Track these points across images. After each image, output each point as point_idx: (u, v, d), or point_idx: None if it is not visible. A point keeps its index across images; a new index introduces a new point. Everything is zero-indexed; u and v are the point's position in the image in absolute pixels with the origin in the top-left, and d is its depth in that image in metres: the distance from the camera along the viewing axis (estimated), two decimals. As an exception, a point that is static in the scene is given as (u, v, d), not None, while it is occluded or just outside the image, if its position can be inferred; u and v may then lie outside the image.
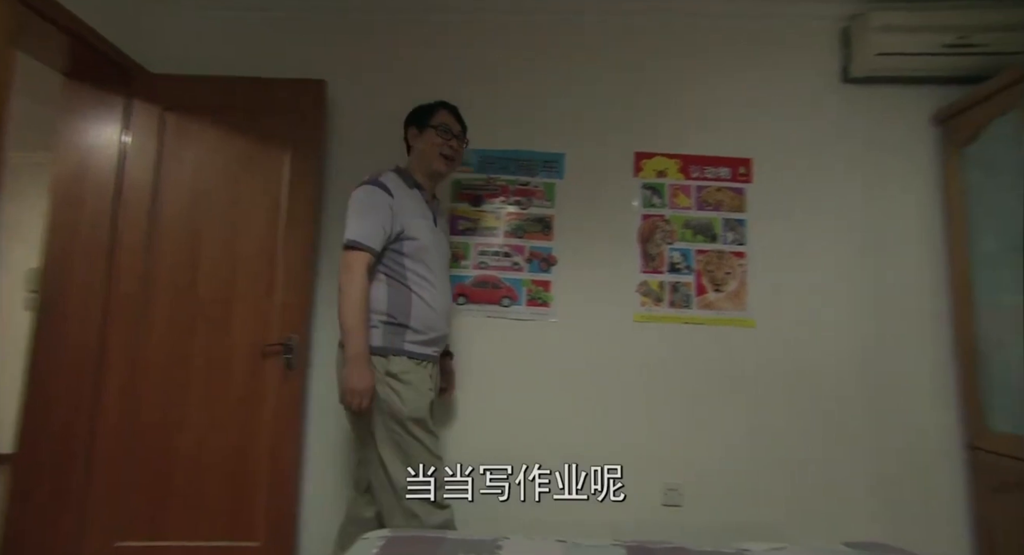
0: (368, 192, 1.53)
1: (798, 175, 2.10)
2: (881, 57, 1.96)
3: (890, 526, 1.96)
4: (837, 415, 2.01)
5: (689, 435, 2.00)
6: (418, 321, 1.54)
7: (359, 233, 1.48)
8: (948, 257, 2.05)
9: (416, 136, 1.68)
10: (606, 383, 2.02)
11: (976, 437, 1.94)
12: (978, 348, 1.93)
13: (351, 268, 1.46)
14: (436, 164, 1.66)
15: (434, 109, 1.68)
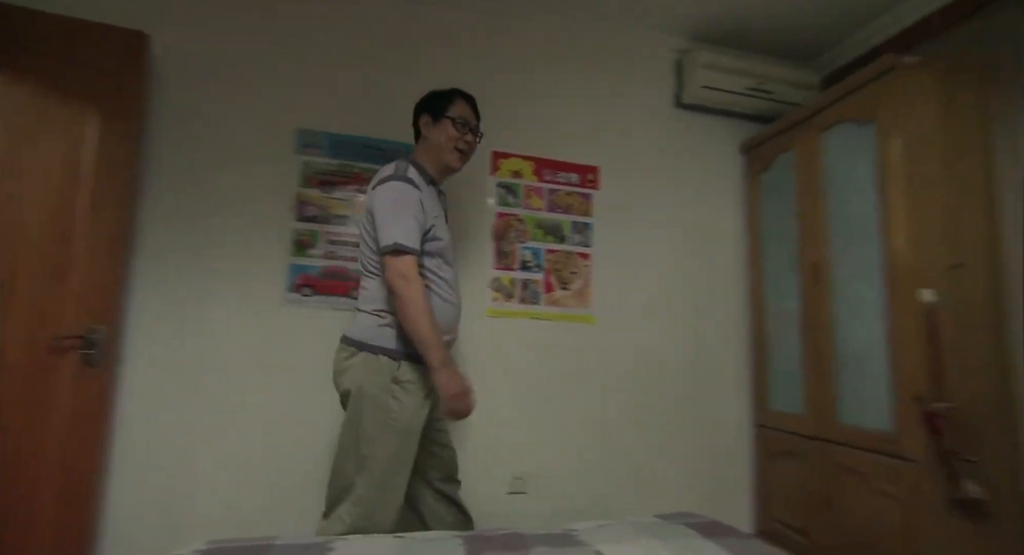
0: (402, 190, 1.41)
1: (637, 186, 2.34)
2: (705, 89, 2.27)
3: (704, 496, 2.25)
4: (664, 403, 2.27)
5: (536, 425, 2.11)
6: (437, 322, 1.41)
7: (404, 236, 1.37)
8: (748, 267, 2.44)
9: (429, 125, 1.55)
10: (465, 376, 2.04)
11: (761, 416, 2.33)
12: (766, 344, 2.32)
13: (407, 276, 1.36)
14: (449, 158, 1.55)
15: (451, 98, 1.56)
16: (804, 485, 2.05)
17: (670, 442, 2.26)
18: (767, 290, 2.32)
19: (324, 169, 1.98)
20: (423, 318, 1.34)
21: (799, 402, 2.11)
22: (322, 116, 2.00)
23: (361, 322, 1.46)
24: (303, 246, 1.91)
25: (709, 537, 1.29)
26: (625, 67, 2.37)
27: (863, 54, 2.23)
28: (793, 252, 2.15)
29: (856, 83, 1.87)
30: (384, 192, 1.41)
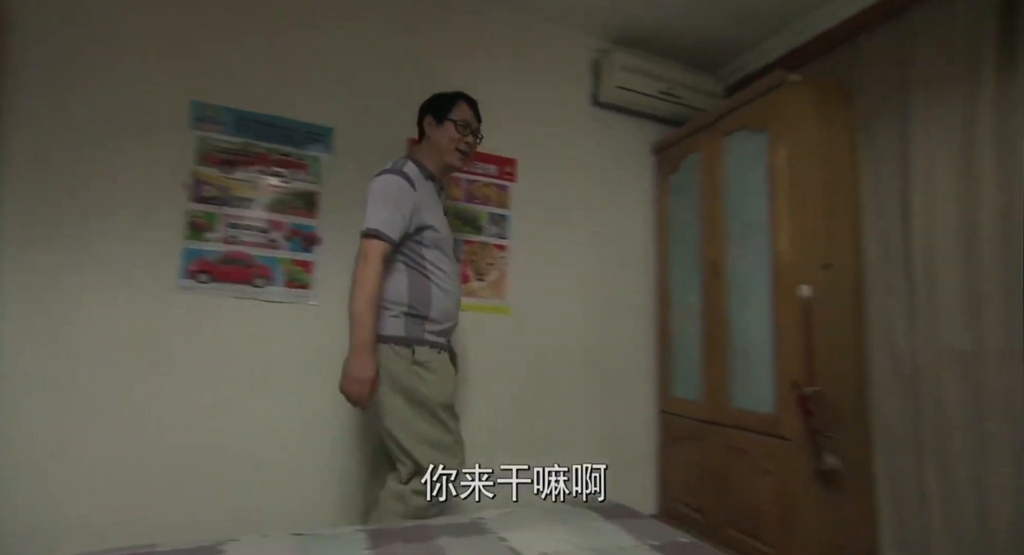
0: (393, 182, 1.50)
1: (554, 180, 2.38)
2: (620, 90, 2.35)
3: (612, 480, 2.34)
4: (575, 392, 2.34)
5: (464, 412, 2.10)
6: (437, 311, 1.55)
7: (380, 222, 1.45)
8: (656, 263, 2.57)
9: (433, 126, 1.65)
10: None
11: (665, 403, 2.48)
12: (671, 336, 2.47)
13: (368, 257, 1.43)
14: (451, 159, 1.64)
15: (454, 101, 1.65)
16: (701, 467, 2.21)
17: (580, 430, 2.34)
18: (673, 285, 2.47)
19: (225, 147, 1.83)
20: (362, 297, 1.41)
21: (698, 389, 2.27)
22: (222, 89, 1.85)
23: (385, 319, 1.52)
24: (199, 229, 1.76)
25: (610, 519, 1.36)
26: (545, 63, 2.40)
27: (760, 68, 2.42)
28: (696, 249, 2.30)
29: (751, 95, 2.03)
30: (376, 184, 1.50)
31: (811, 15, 2.21)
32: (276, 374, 1.85)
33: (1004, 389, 1.61)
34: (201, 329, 1.76)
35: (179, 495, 1.70)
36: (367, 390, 1.40)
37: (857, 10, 2.03)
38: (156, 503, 1.68)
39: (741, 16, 2.26)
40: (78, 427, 1.62)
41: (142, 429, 1.68)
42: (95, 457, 1.63)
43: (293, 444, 1.86)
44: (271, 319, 1.86)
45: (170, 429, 1.71)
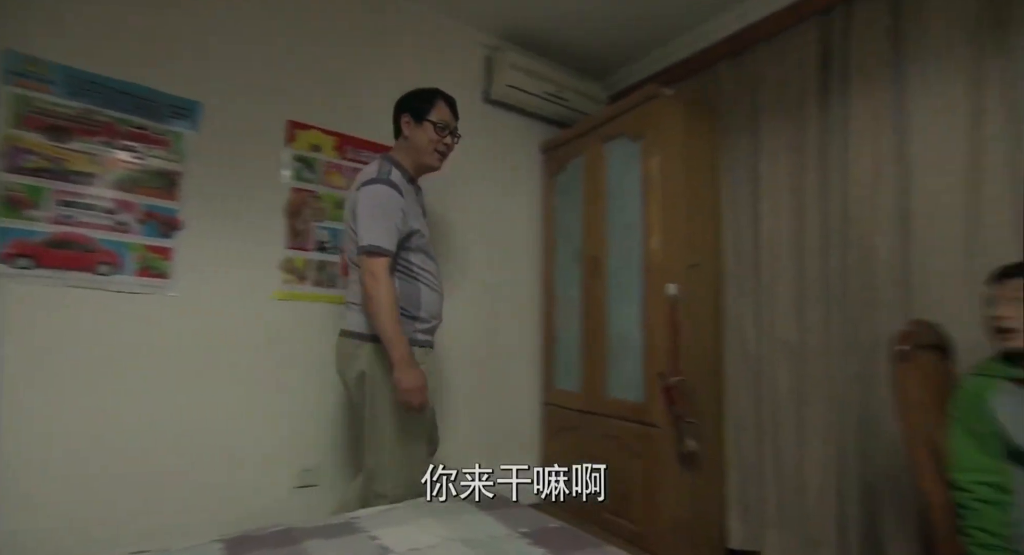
0: (384, 193, 1.50)
1: (443, 174, 2.32)
2: (511, 88, 2.39)
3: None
4: (462, 385, 2.34)
5: (330, 412, 2.00)
6: (427, 311, 1.60)
7: (380, 237, 1.47)
8: (542, 259, 2.65)
9: (411, 125, 1.62)
10: (236, 364, 1.84)
11: (548, 395, 2.57)
12: (555, 329, 2.56)
13: (377, 275, 1.45)
14: (430, 160, 1.65)
15: (432, 101, 1.63)
16: (580, 455, 2.32)
17: (466, 422, 2.35)
18: (557, 280, 2.56)
19: (55, 111, 1.57)
20: (388, 316, 1.44)
21: (578, 381, 2.38)
22: (52, 43, 1.58)
23: (357, 316, 1.57)
24: (17, 205, 1.50)
25: (486, 510, 1.38)
26: (437, 56, 2.37)
27: (641, 80, 2.59)
28: (579, 246, 2.41)
29: (629, 104, 2.17)
30: (368, 194, 1.50)
31: (683, 38, 2.42)
32: (125, 370, 1.65)
33: (821, 378, 1.88)
34: (20, 324, 1.50)
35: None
36: (424, 397, 1.48)
37: (719, 39, 2.26)
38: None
39: (626, 31, 2.40)
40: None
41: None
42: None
43: (163, 449, 1.70)
44: (121, 312, 1.64)
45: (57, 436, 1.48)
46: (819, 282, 1.91)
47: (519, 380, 2.56)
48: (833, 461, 1.82)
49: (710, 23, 2.29)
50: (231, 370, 1.83)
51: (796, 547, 1.91)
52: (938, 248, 1.63)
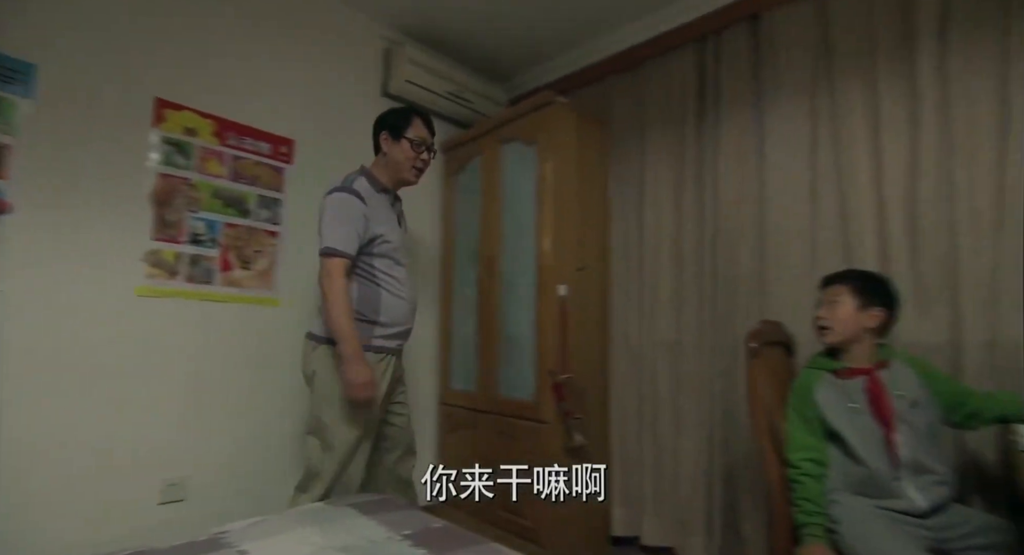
0: (344, 201, 1.56)
1: (338, 166, 2.22)
2: (409, 84, 2.35)
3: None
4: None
5: (200, 421, 1.85)
6: (387, 316, 1.62)
7: (337, 240, 1.52)
8: (441, 258, 2.64)
9: (389, 142, 1.68)
10: (91, 368, 1.63)
11: (445, 395, 2.56)
12: (452, 329, 2.56)
13: (331, 274, 1.50)
14: (408, 176, 1.70)
15: (409, 119, 1.68)
16: (474, 454, 2.34)
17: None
18: (455, 279, 2.56)
19: None
20: (338, 312, 1.49)
21: (473, 380, 2.39)
22: None
23: (317, 319, 1.61)
24: None
25: (369, 514, 1.34)
26: (335, 45, 2.27)
27: (541, 86, 2.66)
28: (476, 246, 2.42)
29: (525, 109, 2.23)
30: (328, 202, 1.56)
31: (580, 49, 2.52)
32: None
33: (694, 373, 2.05)
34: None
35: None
36: (371, 391, 1.50)
37: (612, 53, 2.39)
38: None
39: (528, 37, 2.46)
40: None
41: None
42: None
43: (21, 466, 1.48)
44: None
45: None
46: (694, 286, 2.09)
47: (417, 381, 2.53)
48: (703, 450, 2.00)
49: (604, 38, 2.42)
50: (82, 374, 1.62)
51: (670, 531, 2.07)
52: (787, 258, 1.85)
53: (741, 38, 2.01)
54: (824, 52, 1.83)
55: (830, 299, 1.38)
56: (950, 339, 1.54)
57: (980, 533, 1.17)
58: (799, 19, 1.88)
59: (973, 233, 1.52)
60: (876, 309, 1.34)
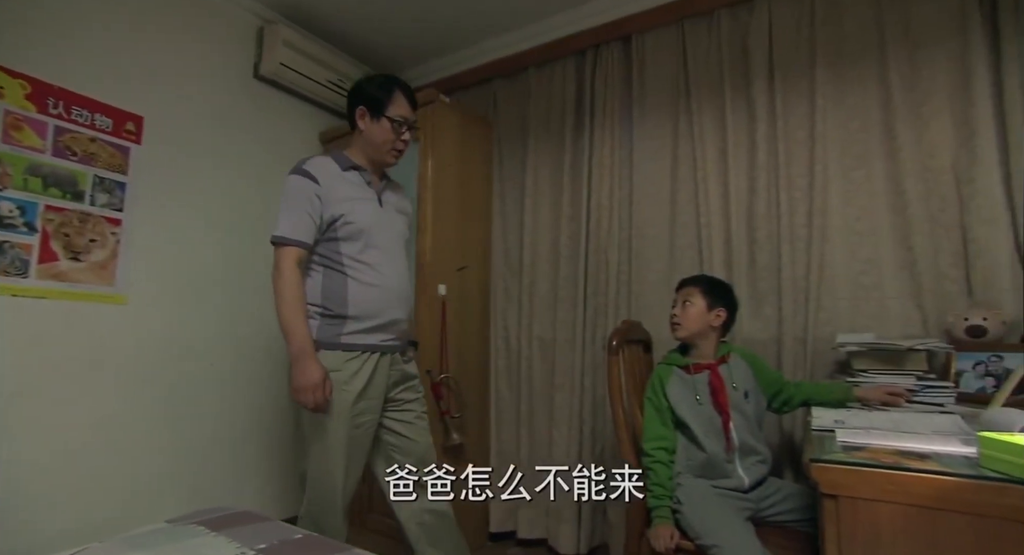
0: (292, 184, 1.39)
1: (197, 150, 2.05)
2: (285, 68, 2.20)
3: (259, 482, 2.21)
4: (210, 392, 2.07)
5: (19, 432, 1.57)
6: (357, 308, 1.39)
7: (284, 228, 1.37)
8: (318, 253, 2.50)
9: (366, 119, 1.46)
10: None
11: (318, 398, 2.43)
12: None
13: (279, 265, 1.36)
14: (387, 158, 1.49)
15: (391, 93, 1.45)
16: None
17: (217, 433, 2.09)
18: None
19: None
20: (284, 307, 1.34)
21: (349, 382, 2.29)
22: None
23: None
24: None
25: (217, 530, 1.23)
26: (199, 15, 2.06)
27: (428, 83, 2.63)
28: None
29: (408, 105, 2.19)
30: (284, 187, 1.41)
31: (467, 50, 2.53)
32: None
33: (568, 369, 2.16)
34: None
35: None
36: (320, 393, 1.30)
37: (498, 57, 2.44)
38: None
39: (415, 33, 2.41)
40: None
41: None
42: None
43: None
44: None
45: None
46: (568, 285, 2.19)
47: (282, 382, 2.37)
48: (575, 442, 2.10)
49: (491, 41, 2.45)
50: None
51: (543, 522, 2.15)
52: (650, 262, 2.02)
53: (615, 56, 2.16)
54: (684, 79, 2.02)
55: (684, 299, 1.53)
56: (775, 335, 1.78)
57: (788, 500, 1.37)
58: (664, 46, 2.07)
59: (791, 246, 1.77)
60: (720, 309, 1.51)
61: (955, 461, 0.75)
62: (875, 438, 0.90)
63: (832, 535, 0.76)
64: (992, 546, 0.65)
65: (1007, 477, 0.65)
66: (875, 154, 1.70)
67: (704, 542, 1.26)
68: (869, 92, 1.72)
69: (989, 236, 1.50)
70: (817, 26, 1.79)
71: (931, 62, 1.63)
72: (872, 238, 1.69)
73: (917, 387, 1.38)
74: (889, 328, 1.62)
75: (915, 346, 1.43)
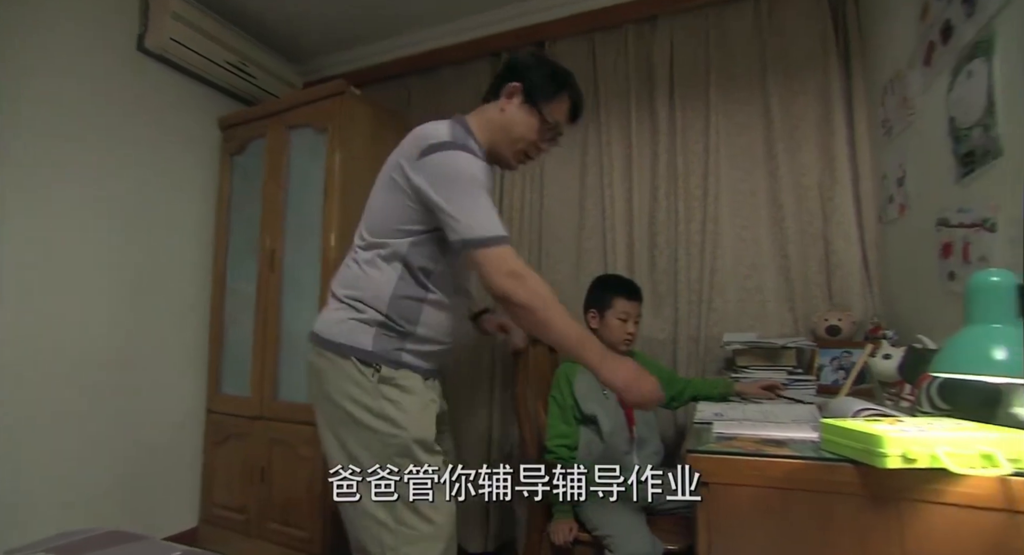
0: (477, 166, 1.06)
1: (72, 130, 1.82)
2: (176, 44, 2.02)
3: (141, 498, 2.03)
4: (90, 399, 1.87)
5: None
6: (429, 329, 1.13)
7: (488, 224, 1.02)
8: (214, 249, 2.32)
9: (516, 102, 1.16)
10: None
11: (213, 402, 2.26)
12: (224, 328, 2.27)
13: (518, 273, 1.02)
14: (510, 158, 1.22)
15: (561, 91, 1.18)
16: (245, 464, 2.12)
17: (97, 444, 1.89)
18: (230, 272, 2.29)
19: None
20: (556, 314, 1.03)
21: (247, 384, 2.16)
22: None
23: (330, 313, 1.15)
24: None
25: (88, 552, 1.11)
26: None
27: (340, 73, 2.52)
28: (256, 237, 2.20)
29: (316, 95, 2.10)
30: (449, 163, 1.06)
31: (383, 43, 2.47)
32: None
33: (485, 369, 2.16)
34: None
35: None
36: (650, 386, 1.04)
37: (415, 52, 2.41)
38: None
39: (326, 20, 2.31)
40: None
41: None
42: None
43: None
44: None
45: None
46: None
47: (177, 388, 2.19)
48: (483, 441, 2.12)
49: (406, 36, 2.41)
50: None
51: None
52: (559, 262, 2.08)
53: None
54: (594, 89, 2.10)
55: (635, 318, 1.58)
56: (671, 335, 1.90)
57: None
58: (575, 55, 2.14)
59: (687, 251, 1.90)
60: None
61: (804, 446, 0.84)
62: (745, 428, 0.99)
63: (703, 519, 0.83)
64: (827, 516, 0.75)
65: (839, 457, 0.75)
66: (759, 170, 1.87)
67: (599, 532, 1.32)
68: (754, 113, 1.89)
69: (844, 249, 1.71)
70: (711, 48, 1.94)
71: (803, 91, 1.82)
72: (755, 246, 1.86)
73: (787, 381, 1.54)
74: (768, 328, 1.79)
75: (787, 344, 1.59)
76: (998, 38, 1.00)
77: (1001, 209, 1.00)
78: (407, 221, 1.10)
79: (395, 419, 1.06)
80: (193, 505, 2.24)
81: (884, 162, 1.61)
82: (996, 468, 0.65)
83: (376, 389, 1.08)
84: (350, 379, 1.09)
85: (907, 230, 1.46)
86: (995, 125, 1.00)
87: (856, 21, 1.77)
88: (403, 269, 1.11)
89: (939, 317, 1.25)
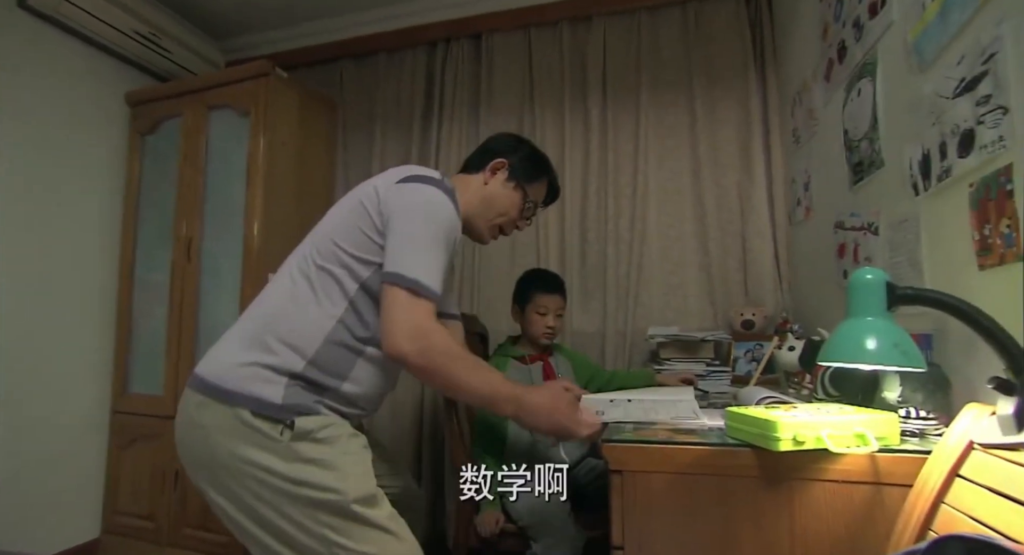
0: (447, 210, 0.97)
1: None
2: (73, 6, 1.82)
3: (31, 511, 1.85)
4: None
5: None
6: (356, 390, 0.97)
7: (424, 272, 0.91)
8: (121, 236, 2.15)
9: (500, 178, 1.15)
10: None
11: (119, 402, 2.10)
12: (132, 323, 2.11)
13: (425, 332, 0.89)
14: (484, 231, 1.17)
15: (542, 176, 1.20)
16: (155, 468, 1.99)
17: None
18: (140, 262, 2.12)
19: None
20: (470, 371, 0.93)
21: (159, 382, 2.02)
22: None
23: (228, 350, 0.98)
24: None
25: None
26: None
27: (266, 54, 2.39)
28: (170, 223, 2.05)
29: (238, 76, 1.99)
30: (419, 198, 0.96)
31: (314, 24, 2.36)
32: None
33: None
34: None
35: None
36: (575, 409, 0.97)
37: (348, 37, 2.32)
38: None
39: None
40: None
41: None
42: None
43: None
44: None
45: None
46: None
47: (76, 389, 2.02)
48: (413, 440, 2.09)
49: (339, 19, 2.32)
50: None
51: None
52: (491, 257, 2.08)
53: (466, 53, 2.18)
54: (529, 83, 2.12)
55: (557, 312, 1.59)
56: (600, 328, 1.95)
57: (601, 477, 1.52)
58: (512, 49, 2.14)
59: (616, 247, 1.96)
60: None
61: (712, 433, 0.89)
62: (631, 415, 1.03)
63: (617, 506, 0.86)
64: (730, 498, 0.80)
65: (741, 442, 0.80)
66: (684, 169, 1.96)
67: (524, 523, 1.34)
68: (681, 115, 1.97)
69: (759, 247, 1.82)
70: (643, 51, 2.00)
71: (725, 97, 1.92)
72: (679, 243, 1.94)
73: (706, 372, 1.63)
74: (690, 321, 1.88)
75: (706, 337, 1.67)
76: (880, 61, 1.10)
77: (882, 214, 1.11)
78: (367, 250, 0.96)
79: (323, 484, 0.87)
80: (95, 515, 2.08)
81: (793, 167, 1.73)
82: (867, 446, 0.71)
83: (290, 451, 0.87)
84: (248, 441, 0.87)
85: (811, 231, 1.58)
86: (878, 139, 1.11)
87: (771, 34, 1.88)
88: (347, 309, 0.96)
89: (836, 312, 1.36)
